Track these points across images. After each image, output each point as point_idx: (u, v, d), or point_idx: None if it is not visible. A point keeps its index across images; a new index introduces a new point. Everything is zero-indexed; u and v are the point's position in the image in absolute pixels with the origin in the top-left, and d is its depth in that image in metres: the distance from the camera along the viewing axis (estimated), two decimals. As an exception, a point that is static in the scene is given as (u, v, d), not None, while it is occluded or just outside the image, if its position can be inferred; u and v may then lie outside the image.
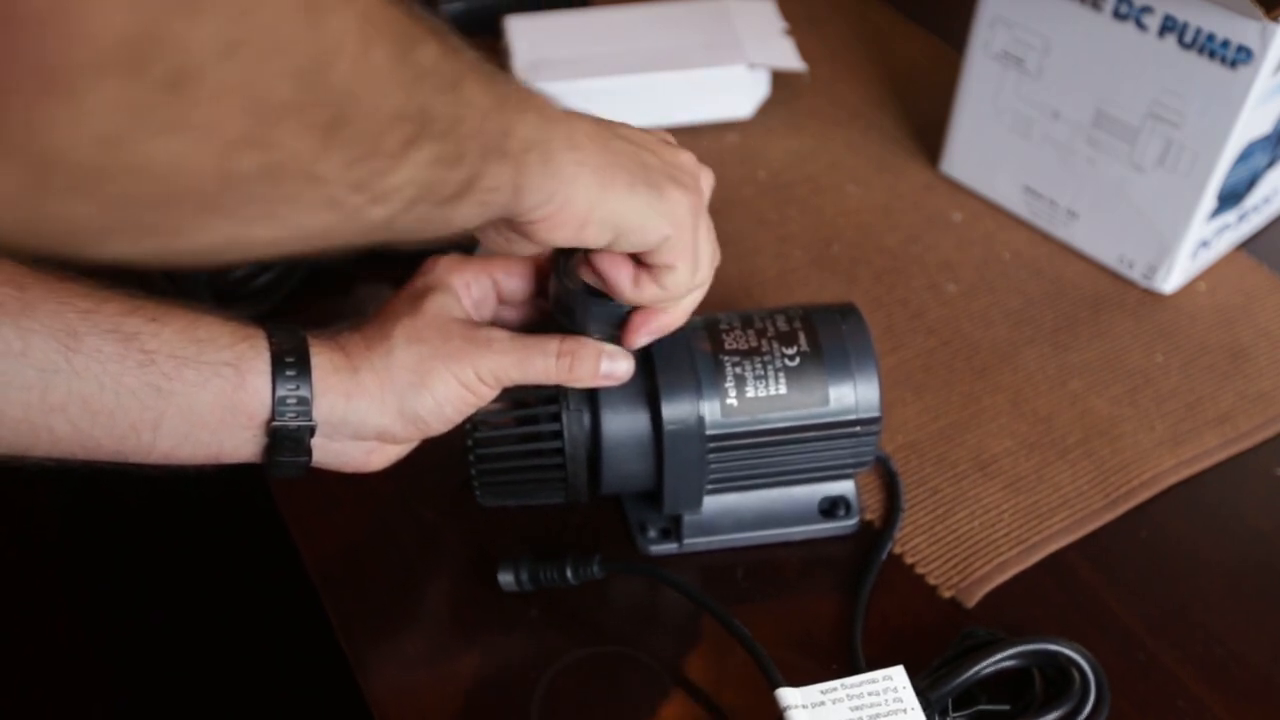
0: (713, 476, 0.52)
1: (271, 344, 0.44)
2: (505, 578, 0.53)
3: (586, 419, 0.50)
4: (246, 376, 0.44)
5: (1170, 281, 0.69)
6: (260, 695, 1.11)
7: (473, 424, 0.49)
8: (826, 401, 0.51)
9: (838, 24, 0.93)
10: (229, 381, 0.43)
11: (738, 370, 0.50)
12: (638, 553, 0.55)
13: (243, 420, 0.44)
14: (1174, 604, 0.54)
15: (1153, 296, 0.70)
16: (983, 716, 0.48)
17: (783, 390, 0.50)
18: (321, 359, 0.45)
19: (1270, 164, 0.69)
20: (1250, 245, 0.74)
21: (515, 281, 0.51)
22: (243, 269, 0.67)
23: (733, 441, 0.51)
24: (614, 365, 0.48)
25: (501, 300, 0.51)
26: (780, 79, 0.84)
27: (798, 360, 0.51)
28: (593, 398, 0.50)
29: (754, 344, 0.51)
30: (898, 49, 0.91)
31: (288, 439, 0.45)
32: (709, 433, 0.50)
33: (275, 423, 0.44)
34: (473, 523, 0.57)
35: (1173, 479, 0.59)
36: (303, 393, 0.44)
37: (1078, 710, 0.47)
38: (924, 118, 0.83)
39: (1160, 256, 0.68)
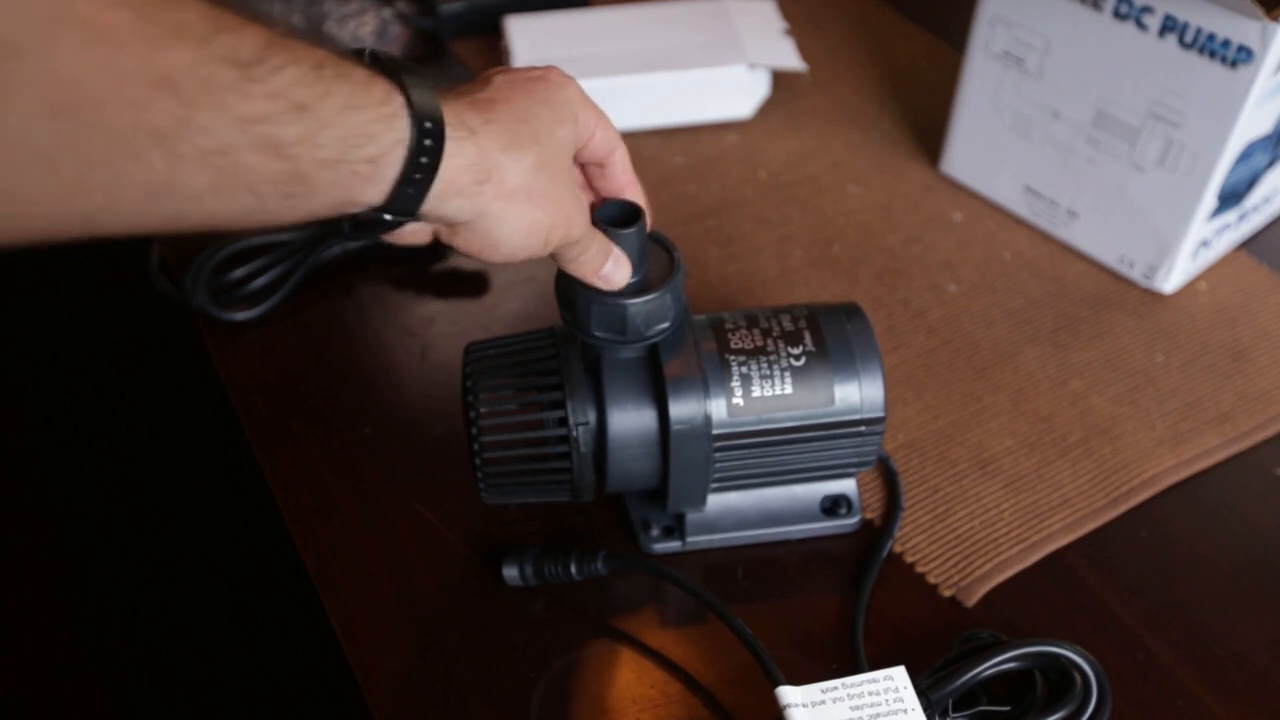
0: (717, 475, 0.52)
1: (409, 146, 0.41)
2: (510, 571, 0.53)
3: (593, 418, 0.49)
4: (378, 173, 0.41)
5: (1170, 281, 0.69)
6: (260, 695, 1.11)
7: (478, 425, 0.49)
8: (832, 401, 0.51)
9: (838, 24, 0.93)
10: (360, 178, 0.41)
11: (744, 370, 0.50)
12: (640, 551, 0.55)
13: (352, 207, 0.42)
14: (1174, 603, 0.54)
15: (1153, 296, 0.70)
16: (984, 717, 0.48)
17: (788, 390, 0.50)
18: (454, 164, 0.43)
19: (1270, 164, 0.69)
20: (1250, 245, 0.74)
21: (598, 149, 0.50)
22: (240, 270, 0.67)
23: (738, 441, 0.51)
24: (614, 270, 0.48)
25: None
26: (780, 79, 0.84)
27: (803, 360, 0.51)
28: (599, 397, 0.50)
29: (760, 343, 0.51)
30: (898, 49, 0.91)
31: (380, 224, 0.43)
32: (715, 432, 0.50)
33: (379, 212, 0.43)
34: (472, 521, 0.57)
35: (1173, 478, 0.59)
36: (414, 204, 0.42)
37: (1079, 712, 0.47)
38: (924, 118, 0.83)
39: (1160, 256, 0.69)
